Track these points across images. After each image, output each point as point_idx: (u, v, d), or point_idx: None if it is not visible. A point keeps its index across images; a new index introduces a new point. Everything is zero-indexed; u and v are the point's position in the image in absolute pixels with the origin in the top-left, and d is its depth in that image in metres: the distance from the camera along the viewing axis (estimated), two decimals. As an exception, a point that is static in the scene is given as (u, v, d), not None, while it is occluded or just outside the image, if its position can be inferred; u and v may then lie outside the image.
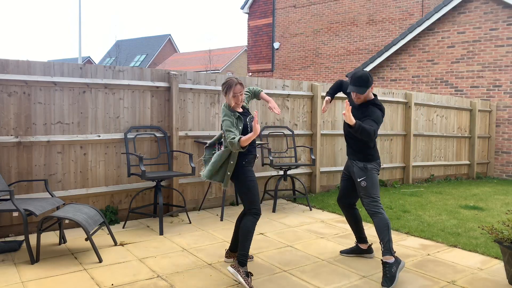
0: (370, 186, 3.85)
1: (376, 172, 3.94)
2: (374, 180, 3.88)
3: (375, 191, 3.86)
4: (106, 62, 42.50)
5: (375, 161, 3.96)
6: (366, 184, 3.85)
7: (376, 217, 3.78)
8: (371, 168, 3.89)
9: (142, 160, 4.94)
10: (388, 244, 3.69)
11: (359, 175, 3.90)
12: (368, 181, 3.86)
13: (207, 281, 3.56)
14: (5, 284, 3.41)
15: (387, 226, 3.73)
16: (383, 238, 3.71)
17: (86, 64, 5.07)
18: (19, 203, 3.94)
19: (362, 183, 3.87)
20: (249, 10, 20.26)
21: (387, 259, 3.63)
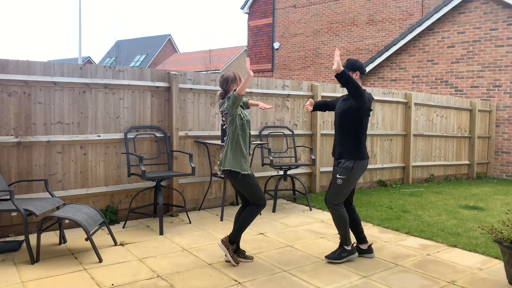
0: (343, 186, 3.94)
1: (359, 175, 4.01)
2: (351, 183, 3.98)
3: (345, 192, 3.99)
4: (106, 62, 42.49)
5: (363, 160, 3.97)
6: (342, 183, 3.93)
7: (333, 210, 4.02)
8: (356, 170, 3.94)
9: (142, 160, 4.94)
10: (345, 236, 4.05)
11: (340, 173, 3.95)
12: (345, 182, 3.93)
13: (207, 281, 3.56)
14: (5, 284, 3.41)
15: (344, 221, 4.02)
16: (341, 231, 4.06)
17: (86, 64, 5.07)
18: (19, 203, 3.94)
19: (338, 181, 3.95)
20: (249, 10, 20.26)
21: (345, 246, 4.06)
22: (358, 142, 3.96)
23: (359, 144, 3.96)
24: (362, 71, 4.00)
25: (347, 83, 3.69)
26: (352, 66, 3.98)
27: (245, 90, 3.63)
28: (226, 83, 3.92)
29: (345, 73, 3.66)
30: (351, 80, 3.70)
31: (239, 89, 3.62)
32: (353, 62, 4.00)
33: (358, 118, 3.93)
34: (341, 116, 4.03)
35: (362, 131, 3.97)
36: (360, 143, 3.97)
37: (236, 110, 3.76)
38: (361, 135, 3.97)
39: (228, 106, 3.74)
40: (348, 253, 4.04)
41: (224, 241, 3.86)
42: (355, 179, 4.02)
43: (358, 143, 3.96)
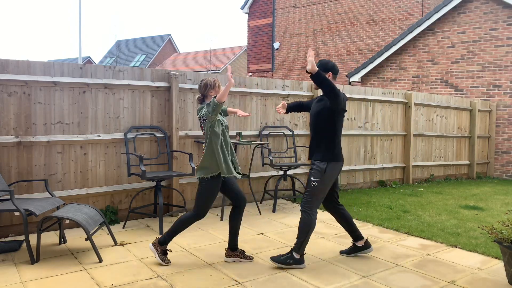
0: (318, 188, 3.87)
1: (334, 177, 3.95)
2: (325, 185, 3.90)
3: (320, 196, 3.91)
4: (106, 62, 42.49)
5: (338, 162, 3.93)
6: (317, 185, 3.86)
7: (305, 215, 3.88)
8: (330, 172, 3.88)
9: (142, 160, 4.94)
10: (300, 244, 3.88)
11: (314, 175, 3.88)
12: (320, 184, 3.86)
13: (207, 281, 3.56)
14: (5, 284, 3.41)
15: (308, 229, 3.86)
16: (300, 237, 3.89)
17: (86, 64, 5.07)
18: (19, 203, 3.94)
19: (313, 183, 3.88)
20: (249, 10, 20.26)
21: (295, 253, 3.89)
22: (332, 143, 3.91)
23: (333, 145, 3.91)
24: (334, 71, 3.98)
25: (322, 83, 3.68)
26: (324, 67, 3.95)
27: (225, 98, 3.64)
28: (205, 88, 3.94)
29: (320, 74, 3.65)
30: (326, 80, 3.68)
31: (220, 96, 3.62)
32: (325, 62, 3.98)
33: (332, 119, 3.90)
34: (315, 117, 4.00)
35: (336, 132, 3.93)
36: (334, 145, 3.92)
37: (215, 116, 3.76)
38: (335, 136, 3.93)
39: (208, 112, 3.74)
40: (295, 262, 3.87)
41: (154, 244, 3.90)
42: (330, 182, 3.93)
43: (332, 144, 3.91)
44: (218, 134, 3.80)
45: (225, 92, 3.61)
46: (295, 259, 3.88)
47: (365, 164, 8.05)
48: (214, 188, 3.86)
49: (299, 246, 3.89)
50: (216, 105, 3.64)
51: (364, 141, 8.01)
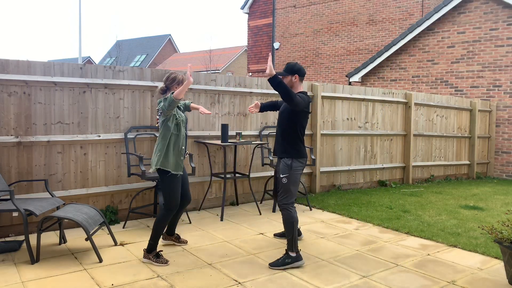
0: (289, 184, 4.02)
1: (299, 172, 4.09)
2: (295, 179, 4.06)
3: (293, 189, 4.05)
4: (106, 62, 42.50)
5: (302, 158, 4.09)
6: (287, 181, 4.02)
7: (285, 211, 4.03)
8: (295, 167, 4.04)
9: (142, 160, 4.94)
10: (291, 242, 3.98)
11: (283, 172, 4.05)
12: (290, 179, 4.02)
13: (207, 281, 3.56)
14: (5, 284, 3.41)
15: (292, 224, 3.99)
16: (288, 235, 4.01)
17: (86, 64, 5.07)
18: (19, 203, 3.94)
19: (283, 180, 4.04)
20: (249, 10, 20.26)
21: (290, 252, 3.98)
22: (295, 141, 4.07)
23: (295, 143, 4.07)
24: (300, 73, 4.11)
25: (278, 87, 3.79)
26: (291, 69, 4.10)
27: (183, 95, 3.70)
28: (172, 81, 4.06)
29: (276, 78, 3.77)
30: (282, 84, 3.79)
31: (177, 93, 3.68)
32: (291, 65, 4.12)
33: (294, 118, 4.05)
34: (279, 116, 4.22)
35: (298, 131, 4.08)
36: (297, 143, 4.08)
37: (171, 112, 3.83)
38: (297, 135, 4.08)
39: (164, 107, 3.79)
40: (293, 260, 3.93)
41: (144, 255, 3.97)
42: (297, 176, 4.10)
43: (295, 142, 4.07)
44: (170, 128, 3.89)
45: (182, 90, 3.68)
46: (292, 257, 3.95)
47: (365, 164, 8.05)
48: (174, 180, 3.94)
49: (291, 243, 3.99)
50: (172, 101, 3.71)
51: (364, 141, 8.01)
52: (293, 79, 4.08)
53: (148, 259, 3.93)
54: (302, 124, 4.12)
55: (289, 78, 4.09)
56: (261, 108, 4.58)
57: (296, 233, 4.02)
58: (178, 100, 3.70)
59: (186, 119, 4.08)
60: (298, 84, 4.12)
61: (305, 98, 4.03)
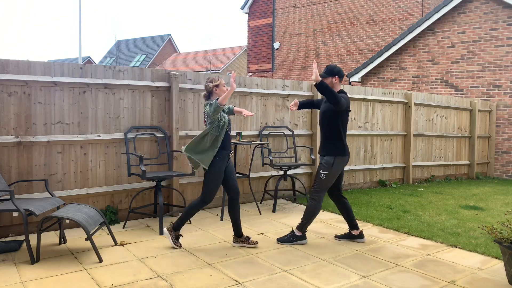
0: (326, 181, 4.41)
1: (339, 170, 4.43)
2: (332, 177, 4.43)
3: (327, 185, 4.45)
4: (106, 62, 42.49)
5: (344, 156, 4.41)
6: (325, 178, 4.39)
7: (313, 202, 4.44)
8: (337, 165, 4.38)
9: (142, 160, 4.94)
10: (304, 223, 4.48)
11: (323, 168, 4.40)
12: (328, 177, 4.40)
13: (207, 281, 3.56)
14: (5, 284, 3.41)
15: (314, 213, 4.46)
16: (304, 218, 4.48)
17: (86, 64, 5.07)
18: (19, 203, 3.94)
19: (321, 175, 4.41)
20: (249, 10, 20.26)
21: (296, 231, 4.52)
22: (338, 139, 4.40)
23: (338, 141, 4.40)
24: (340, 75, 4.44)
25: (325, 91, 4.12)
26: (331, 71, 4.43)
27: (226, 101, 4.01)
28: (210, 87, 4.29)
29: (322, 84, 4.09)
30: (327, 89, 4.11)
31: (221, 99, 4.00)
32: (331, 68, 4.44)
33: (336, 117, 4.38)
34: (322, 116, 4.51)
35: (341, 129, 4.41)
36: (340, 140, 4.40)
37: (216, 116, 4.14)
38: (340, 133, 4.40)
39: (210, 112, 4.10)
40: (297, 238, 4.49)
41: (169, 228, 4.36)
42: (337, 174, 4.44)
43: (338, 140, 4.40)
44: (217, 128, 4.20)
45: (226, 96, 3.98)
46: (297, 236, 4.49)
47: (365, 164, 8.05)
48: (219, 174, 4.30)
49: (302, 225, 4.49)
50: (217, 107, 4.03)
51: (364, 141, 8.01)
52: (333, 80, 4.42)
53: (169, 234, 4.33)
54: (344, 122, 4.43)
55: (330, 80, 4.41)
56: (299, 106, 4.84)
57: (311, 221, 4.49)
58: (222, 106, 4.01)
59: (229, 122, 4.35)
60: (338, 85, 4.46)
61: (346, 98, 4.34)
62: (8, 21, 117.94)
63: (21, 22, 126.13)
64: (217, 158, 4.23)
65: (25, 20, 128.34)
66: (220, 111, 4.12)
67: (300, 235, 4.51)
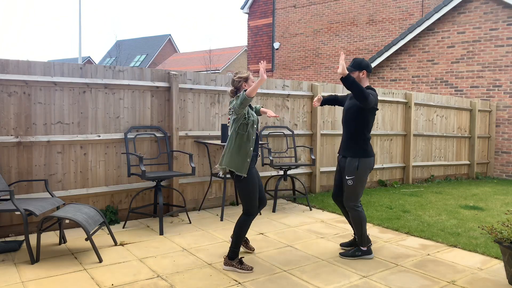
0: (355, 186, 4.00)
1: (366, 173, 4.03)
2: (362, 181, 4.02)
3: (359, 191, 4.03)
4: (106, 62, 42.49)
5: (369, 158, 4.02)
6: (353, 183, 3.99)
7: (353, 212, 4.05)
8: (362, 168, 3.98)
9: (142, 160, 4.94)
10: (361, 238, 4.09)
11: (348, 173, 4.00)
12: (356, 181, 3.99)
13: (207, 281, 3.56)
14: (5, 284, 3.41)
15: (361, 222, 4.06)
16: (357, 232, 4.10)
17: (86, 64, 5.07)
18: (19, 203, 3.94)
19: (349, 182, 4.00)
20: (249, 10, 20.25)
21: (361, 246, 4.14)
22: (363, 140, 4.03)
23: (363, 141, 4.03)
24: (368, 69, 4.05)
25: (352, 86, 3.74)
26: (359, 65, 4.04)
27: (255, 93, 3.58)
28: (238, 81, 3.88)
29: (349, 77, 3.71)
30: (355, 83, 3.74)
31: (250, 90, 3.58)
32: (359, 61, 4.05)
33: (362, 116, 4.01)
34: (346, 114, 4.13)
35: (366, 128, 4.03)
36: (365, 141, 4.03)
37: (242, 110, 3.71)
38: (365, 133, 4.03)
39: (236, 105, 3.69)
40: (363, 253, 4.11)
41: (226, 262, 3.80)
42: (364, 177, 4.04)
43: (363, 140, 4.03)
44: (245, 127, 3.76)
45: (256, 87, 3.57)
46: (363, 251, 4.12)
47: (365, 164, 8.04)
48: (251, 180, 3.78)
49: (362, 239, 4.10)
50: (245, 99, 3.61)
51: (364, 141, 8.00)
52: (360, 74, 4.02)
53: (232, 266, 3.75)
54: (370, 121, 4.06)
55: (357, 74, 4.02)
56: (323, 102, 4.51)
57: (365, 228, 4.09)
58: (251, 98, 3.59)
59: (258, 121, 3.91)
60: (365, 80, 4.06)
61: (375, 95, 3.97)
62: (8, 21, 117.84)
63: (21, 22, 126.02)
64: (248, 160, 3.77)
65: (25, 20, 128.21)
66: (247, 105, 3.69)
67: (366, 249, 4.12)
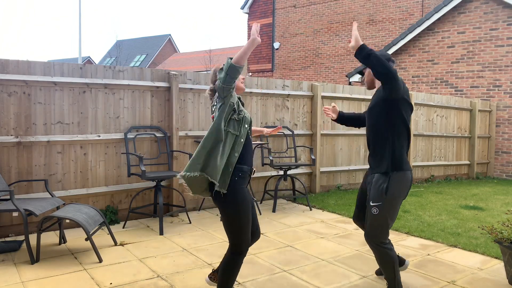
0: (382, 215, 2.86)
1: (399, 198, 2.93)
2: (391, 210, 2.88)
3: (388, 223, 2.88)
4: (106, 62, 42.50)
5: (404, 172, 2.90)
6: (379, 212, 2.86)
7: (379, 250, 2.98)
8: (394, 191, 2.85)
9: (142, 160, 4.94)
10: (392, 280, 3.06)
11: (374, 198, 2.91)
12: (383, 210, 2.86)
13: (207, 281, 3.56)
14: (5, 284, 3.41)
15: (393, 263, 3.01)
16: (388, 276, 3.08)
17: (86, 64, 5.07)
18: (19, 203, 3.94)
19: (373, 210, 2.89)
20: (249, 10, 20.26)
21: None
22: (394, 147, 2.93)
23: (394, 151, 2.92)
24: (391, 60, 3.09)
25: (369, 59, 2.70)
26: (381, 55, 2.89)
27: (245, 60, 2.59)
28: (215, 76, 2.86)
29: (364, 48, 2.71)
30: (373, 55, 2.68)
31: (238, 56, 2.56)
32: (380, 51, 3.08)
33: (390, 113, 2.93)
34: (370, 115, 3.11)
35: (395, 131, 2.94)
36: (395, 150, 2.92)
37: (229, 90, 2.64)
38: (398, 137, 2.95)
39: (220, 80, 2.63)
40: None
41: None
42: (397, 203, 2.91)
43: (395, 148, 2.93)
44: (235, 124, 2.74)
45: (245, 52, 2.56)
46: None
47: (365, 164, 8.04)
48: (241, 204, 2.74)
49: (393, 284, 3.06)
50: (231, 68, 2.55)
51: (364, 141, 8.00)
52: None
53: None
54: (405, 119, 2.92)
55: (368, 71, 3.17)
56: (341, 118, 3.51)
57: (397, 272, 3.03)
58: (240, 66, 2.56)
59: (250, 121, 2.88)
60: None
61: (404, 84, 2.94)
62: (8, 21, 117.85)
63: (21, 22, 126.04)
64: (236, 178, 2.72)
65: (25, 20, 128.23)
66: (235, 79, 2.60)
67: None
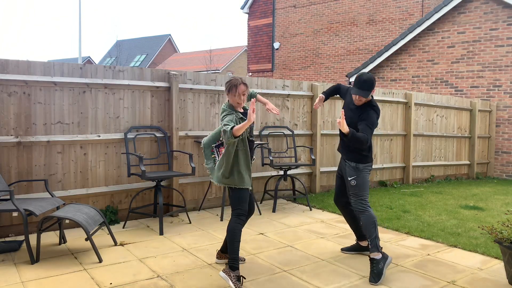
0: (359, 185, 3.90)
1: (367, 172, 3.97)
2: (364, 180, 3.93)
3: (364, 190, 3.91)
4: (106, 62, 42.51)
5: (367, 163, 3.98)
6: (356, 183, 3.90)
7: (363, 214, 3.86)
8: (362, 168, 3.93)
9: (142, 160, 4.94)
10: (375, 241, 3.78)
11: (350, 174, 3.95)
12: (358, 180, 3.91)
13: (207, 281, 3.56)
14: (5, 284, 3.41)
15: (374, 223, 3.82)
16: (370, 235, 3.80)
17: (86, 64, 5.07)
18: (19, 203, 3.94)
19: (352, 182, 3.93)
20: (249, 10, 20.26)
21: (374, 256, 3.72)
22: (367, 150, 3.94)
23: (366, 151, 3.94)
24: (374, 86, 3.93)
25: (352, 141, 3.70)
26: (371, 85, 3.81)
27: (241, 132, 3.29)
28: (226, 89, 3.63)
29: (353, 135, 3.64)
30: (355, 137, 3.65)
31: (236, 130, 3.28)
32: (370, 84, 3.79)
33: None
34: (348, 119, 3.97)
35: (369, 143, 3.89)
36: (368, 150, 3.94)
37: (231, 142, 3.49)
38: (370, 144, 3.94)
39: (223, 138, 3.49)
40: (383, 262, 3.72)
41: (225, 270, 3.46)
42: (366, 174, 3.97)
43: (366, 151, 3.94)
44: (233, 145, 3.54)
45: (241, 128, 3.28)
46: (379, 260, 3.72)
47: (365, 164, 8.03)
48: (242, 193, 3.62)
49: (375, 243, 3.78)
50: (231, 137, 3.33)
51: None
52: (371, 93, 3.83)
53: (228, 276, 3.40)
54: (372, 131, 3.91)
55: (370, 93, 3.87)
56: (326, 98, 4.38)
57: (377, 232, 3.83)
58: (237, 137, 3.33)
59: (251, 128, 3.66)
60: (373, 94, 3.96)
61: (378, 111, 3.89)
62: (8, 21, 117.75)
63: (21, 22, 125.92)
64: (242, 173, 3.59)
65: (25, 20, 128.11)
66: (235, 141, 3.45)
67: (380, 256, 3.73)
